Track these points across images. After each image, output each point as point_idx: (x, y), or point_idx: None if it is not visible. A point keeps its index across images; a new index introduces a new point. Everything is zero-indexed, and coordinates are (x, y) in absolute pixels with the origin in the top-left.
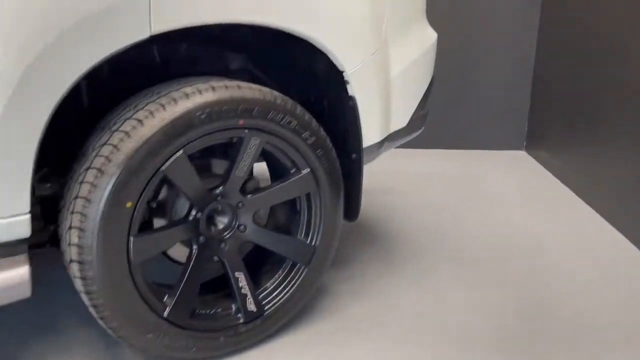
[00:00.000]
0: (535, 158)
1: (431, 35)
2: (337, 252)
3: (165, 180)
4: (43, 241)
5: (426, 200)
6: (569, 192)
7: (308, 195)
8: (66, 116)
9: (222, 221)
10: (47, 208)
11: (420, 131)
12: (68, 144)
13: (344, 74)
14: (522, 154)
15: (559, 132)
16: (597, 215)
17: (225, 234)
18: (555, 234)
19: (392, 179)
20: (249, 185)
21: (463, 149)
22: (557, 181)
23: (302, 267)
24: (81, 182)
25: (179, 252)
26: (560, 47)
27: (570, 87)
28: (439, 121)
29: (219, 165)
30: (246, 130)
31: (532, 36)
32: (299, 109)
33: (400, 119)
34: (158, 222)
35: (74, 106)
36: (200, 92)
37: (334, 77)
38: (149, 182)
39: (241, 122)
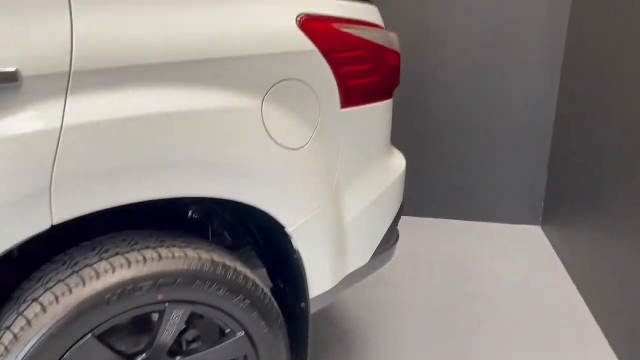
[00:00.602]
0: (549, 237)
1: (397, 167)
2: None
3: None
4: None
5: (416, 299)
6: (574, 292)
7: (245, 357)
8: None
9: None
10: None
11: (387, 263)
12: None
13: (285, 229)
14: (536, 230)
15: (571, 216)
16: (601, 334)
17: None
18: None
19: None
20: (187, 336)
21: (477, 221)
22: (566, 274)
23: None
24: None
25: None
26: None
27: (584, 171)
28: (452, 190)
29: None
30: (167, 304)
31: (552, 103)
32: (231, 272)
33: (359, 260)
34: None
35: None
36: (113, 269)
37: (279, 229)
38: None
39: (160, 297)
